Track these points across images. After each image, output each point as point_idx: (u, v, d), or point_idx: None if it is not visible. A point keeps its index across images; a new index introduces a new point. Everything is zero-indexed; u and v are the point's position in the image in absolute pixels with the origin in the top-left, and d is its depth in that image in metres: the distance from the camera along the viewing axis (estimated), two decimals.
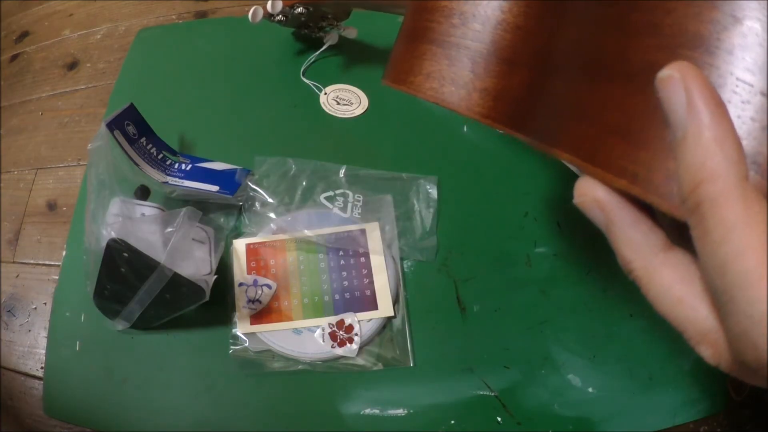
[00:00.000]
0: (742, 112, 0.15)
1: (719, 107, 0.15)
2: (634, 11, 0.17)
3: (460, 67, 0.24)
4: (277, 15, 0.49)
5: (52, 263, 0.48)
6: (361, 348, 0.41)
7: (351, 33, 0.55)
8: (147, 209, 0.42)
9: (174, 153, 0.48)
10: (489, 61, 0.24)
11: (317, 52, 0.55)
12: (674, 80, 0.15)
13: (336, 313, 0.42)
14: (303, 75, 0.55)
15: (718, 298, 0.15)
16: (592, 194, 0.18)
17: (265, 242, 0.45)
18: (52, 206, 0.51)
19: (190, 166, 0.47)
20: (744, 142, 0.15)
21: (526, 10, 0.23)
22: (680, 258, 0.18)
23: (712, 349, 0.17)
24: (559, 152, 0.19)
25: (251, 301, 0.42)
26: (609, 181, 0.17)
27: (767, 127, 0.15)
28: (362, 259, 0.44)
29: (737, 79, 0.15)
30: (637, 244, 0.18)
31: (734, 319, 0.14)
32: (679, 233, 0.18)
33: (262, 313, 0.42)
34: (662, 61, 0.16)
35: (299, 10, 0.48)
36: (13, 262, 0.49)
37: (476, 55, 0.24)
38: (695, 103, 0.15)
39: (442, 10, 0.25)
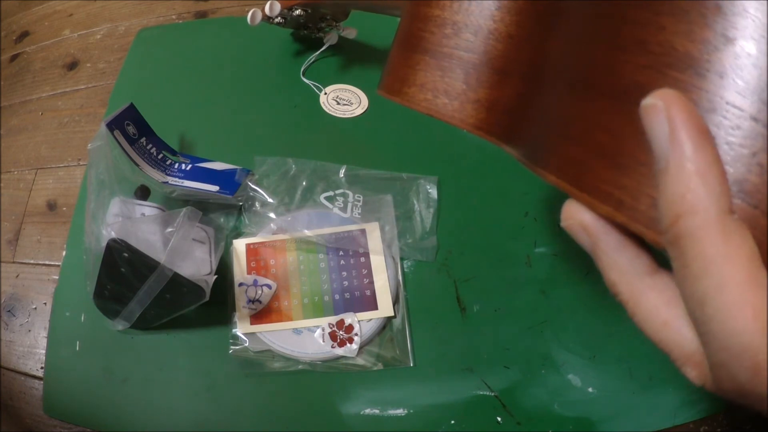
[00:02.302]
0: (731, 138, 0.14)
1: (704, 137, 0.14)
2: (626, 24, 0.16)
3: (453, 78, 0.24)
4: (276, 17, 0.49)
5: (52, 263, 0.48)
6: (361, 348, 0.41)
7: (350, 33, 0.55)
8: (147, 209, 0.42)
9: (174, 153, 0.48)
10: (481, 72, 0.24)
11: (317, 53, 0.55)
12: (657, 109, 0.14)
13: (336, 313, 0.42)
14: (303, 75, 0.55)
15: (698, 328, 0.15)
16: (578, 218, 0.18)
17: (265, 242, 0.45)
18: (52, 206, 0.51)
19: (190, 166, 0.47)
20: (731, 170, 0.14)
21: (518, 19, 0.23)
22: (666, 282, 0.18)
23: (696, 371, 0.17)
24: (545, 174, 0.19)
25: (251, 301, 0.42)
26: (594, 207, 0.17)
27: (757, 154, 0.14)
28: (362, 259, 0.44)
29: (727, 103, 0.14)
30: (622, 268, 0.18)
31: (713, 350, 0.15)
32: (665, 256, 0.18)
33: (262, 313, 0.42)
34: (649, 82, 0.15)
35: (297, 12, 0.48)
36: (13, 262, 0.49)
37: (469, 65, 0.24)
38: (678, 134, 0.14)
39: (435, 20, 0.24)
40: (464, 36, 0.24)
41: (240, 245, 0.45)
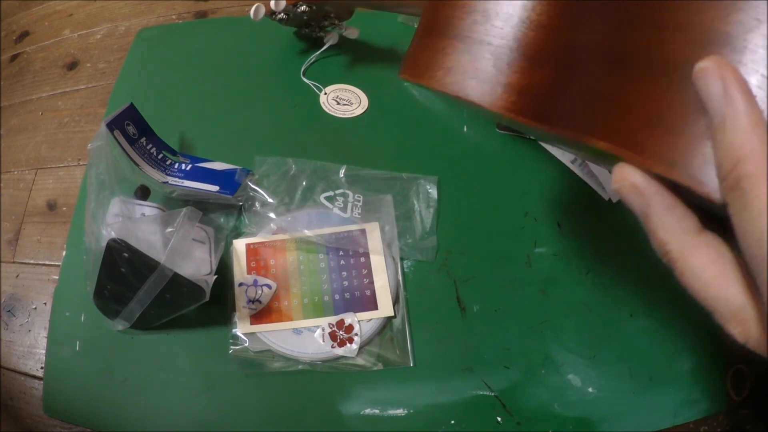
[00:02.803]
0: (762, 106, 0.16)
1: (751, 97, 0.16)
2: (667, 10, 0.18)
3: (483, 62, 0.25)
4: (279, 13, 0.49)
5: (52, 263, 0.48)
6: (361, 348, 0.41)
7: (352, 33, 0.55)
8: (147, 209, 0.42)
9: (174, 153, 0.48)
10: (512, 58, 0.24)
11: (318, 52, 0.55)
12: (710, 70, 0.16)
13: (336, 313, 0.42)
14: (303, 75, 0.55)
15: (755, 267, 0.16)
16: (630, 180, 0.19)
17: (265, 242, 0.45)
18: (52, 206, 0.51)
19: (190, 166, 0.47)
20: None
21: (549, 9, 0.23)
22: (711, 240, 0.19)
23: (740, 327, 0.18)
24: (595, 141, 0.20)
25: (251, 301, 0.42)
26: (648, 167, 0.18)
27: None
28: (362, 259, 0.44)
29: (762, 75, 0.16)
30: (672, 228, 0.19)
31: None
32: (708, 218, 0.19)
33: (262, 313, 0.42)
34: (694, 57, 0.17)
35: (302, 8, 0.48)
36: (13, 262, 0.49)
37: (499, 51, 0.24)
38: (731, 91, 0.16)
39: (464, 7, 0.25)
40: (494, 23, 0.24)
41: (240, 245, 0.45)
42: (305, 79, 0.54)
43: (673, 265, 0.19)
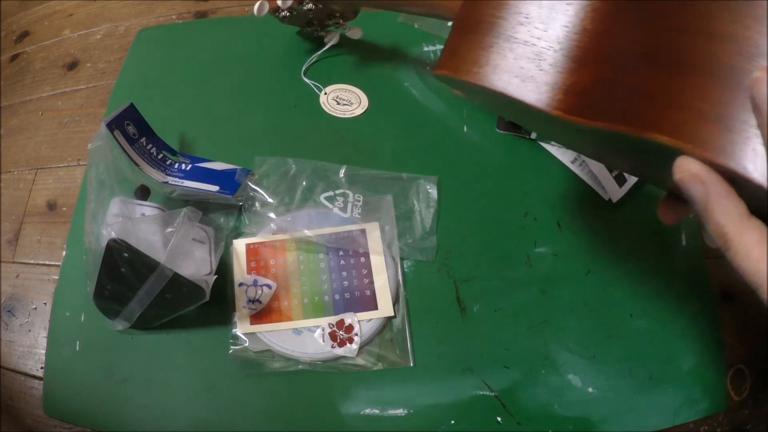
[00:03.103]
0: None
1: None
2: (718, 22, 0.21)
3: (527, 61, 0.25)
4: (283, 11, 0.48)
5: (52, 263, 0.48)
6: (361, 348, 0.41)
7: (356, 33, 0.55)
8: (147, 209, 0.42)
9: (174, 153, 0.48)
10: (556, 59, 0.25)
11: (319, 52, 0.55)
12: (762, 80, 0.19)
13: (336, 313, 0.42)
14: (303, 75, 0.55)
15: None
16: (693, 170, 0.21)
17: (265, 242, 0.45)
18: (52, 206, 0.51)
19: (190, 166, 0.47)
20: None
21: (593, 14, 0.24)
22: (758, 225, 0.21)
23: None
24: (657, 135, 0.21)
25: (251, 301, 0.42)
26: (709, 158, 0.20)
27: None
28: (362, 259, 0.44)
29: None
30: (729, 212, 0.21)
31: None
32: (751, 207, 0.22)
33: (262, 313, 0.42)
34: (743, 65, 0.20)
35: (308, 6, 0.48)
36: (13, 262, 0.49)
37: (543, 52, 0.25)
38: None
39: (509, 8, 0.26)
40: (537, 25, 0.25)
41: (240, 245, 0.45)
42: (305, 79, 0.54)
43: (728, 246, 0.21)
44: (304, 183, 0.47)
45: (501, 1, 0.27)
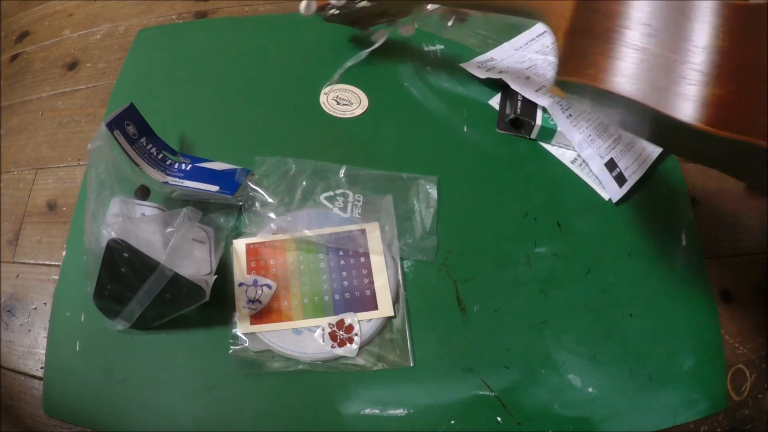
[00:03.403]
0: None
1: None
2: None
3: (658, 73, 0.26)
4: (332, 8, 0.46)
5: (52, 263, 0.48)
6: (361, 348, 0.41)
7: (408, 31, 0.53)
8: (147, 209, 0.42)
9: (174, 153, 0.48)
10: (685, 71, 0.25)
11: (367, 51, 0.53)
12: None
13: (336, 313, 0.42)
14: (339, 80, 0.54)
15: None
16: None
17: (265, 242, 0.45)
18: (52, 206, 0.51)
19: (190, 166, 0.47)
20: None
21: (724, 30, 0.24)
22: None
23: None
24: None
25: (251, 301, 0.42)
26: None
27: None
28: (362, 259, 0.44)
29: None
30: None
31: None
32: None
33: (262, 313, 0.42)
34: None
35: (362, 3, 0.46)
36: (13, 262, 0.49)
37: (671, 63, 0.25)
38: None
39: (634, 19, 0.26)
40: (663, 38, 0.26)
41: (240, 245, 0.45)
42: (305, 79, 0.54)
43: None
44: (304, 183, 0.47)
45: (619, 8, 0.27)
